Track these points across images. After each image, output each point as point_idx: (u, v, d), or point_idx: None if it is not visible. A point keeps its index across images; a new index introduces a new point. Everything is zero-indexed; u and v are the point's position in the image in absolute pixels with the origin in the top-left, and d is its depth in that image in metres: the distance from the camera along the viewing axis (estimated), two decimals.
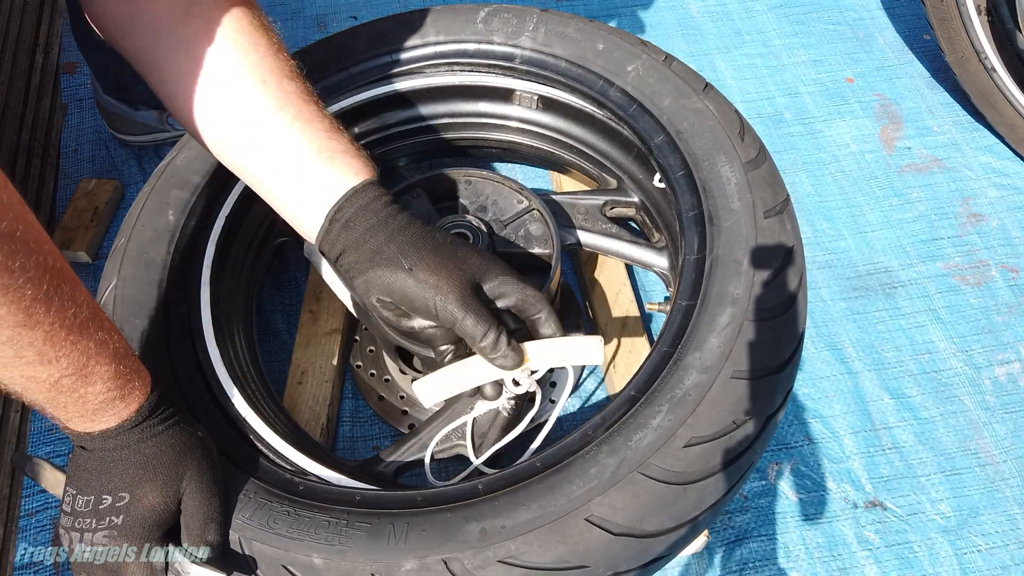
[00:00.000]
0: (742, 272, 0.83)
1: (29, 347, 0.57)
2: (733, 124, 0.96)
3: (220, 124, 0.77)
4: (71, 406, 0.64)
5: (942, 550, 1.02)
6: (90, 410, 0.65)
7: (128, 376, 0.66)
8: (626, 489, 0.71)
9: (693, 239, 0.89)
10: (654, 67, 1.02)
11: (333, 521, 0.71)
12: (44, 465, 0.75)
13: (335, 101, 1.10)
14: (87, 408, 0.65)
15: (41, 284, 0.56)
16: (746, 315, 0.80)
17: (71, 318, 0.59)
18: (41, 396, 0.62)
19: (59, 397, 0.63)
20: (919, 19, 1.64)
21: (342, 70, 1.11)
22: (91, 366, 0.62)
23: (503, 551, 0.68)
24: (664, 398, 0.76)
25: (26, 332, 0.56)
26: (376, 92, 1.13)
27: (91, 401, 0.64)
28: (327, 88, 1.10)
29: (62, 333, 0.59)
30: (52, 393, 0.62)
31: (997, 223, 1.34)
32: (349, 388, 1.14)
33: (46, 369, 0.60)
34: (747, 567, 1.01)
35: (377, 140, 1.20)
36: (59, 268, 0.58)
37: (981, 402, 1.15)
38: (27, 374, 0.59)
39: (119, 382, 0.65)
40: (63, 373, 0.60)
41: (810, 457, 1.10)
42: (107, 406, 0.65)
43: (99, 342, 0.62)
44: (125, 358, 0.66)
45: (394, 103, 1.16)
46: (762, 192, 0.89)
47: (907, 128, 1.48)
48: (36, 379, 0.60)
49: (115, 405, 0.66)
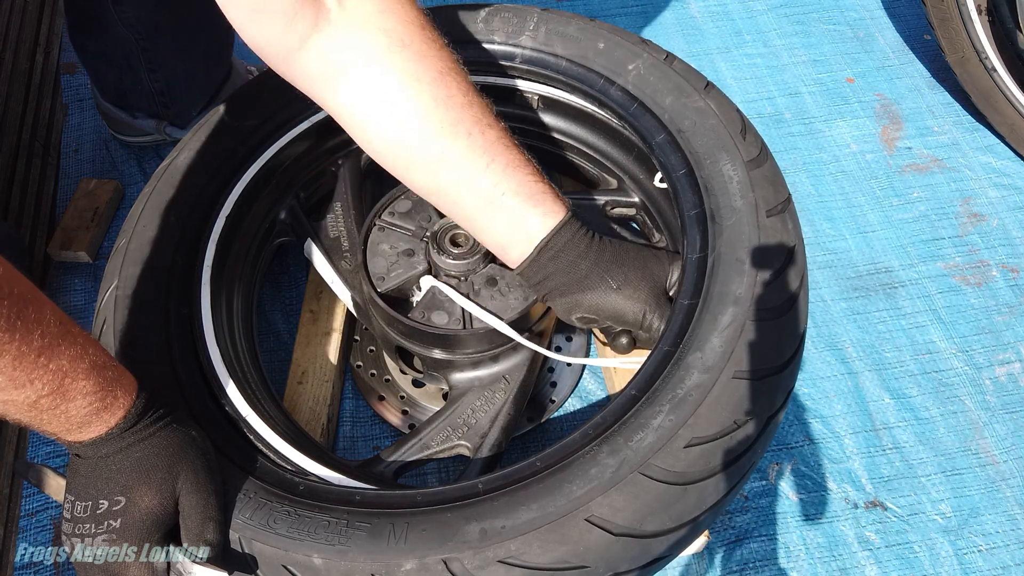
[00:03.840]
0: (744, 271, 0.83)
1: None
2: (735, 123, 0.96)
3: (429, 175, 0.84)
4: (55, 422, 0.65)
5: (943, 550, 1.02)
6: (75, 424, 0.65)
7: (109, 387, 0.66)
8: (626, 489, 0.71)
9: (695, 238, 0.88)
10: (655, 66, 1.02)
11: (333, 521, 0.71)
12: (47, 472, 0.75)
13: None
14: (71, 423, 0.65)
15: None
16: (748, 315, 0.80)
17: (38, 339, 0.59)
18: (23, 416, 0.63)
19: (41, 415, 0.63)
20: (919, 19, 1.64)
21: None
22: (67, 384, 0.62)
23: (503, 551, 0.68)
24: (665, 398, 0.76)
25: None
26: None
27: (74, 416, 0.65)
28: None
29: (31, 356, 0.59)
30: (33, 412, 0.63)
31: (998, 223, 1.34)
32: (349, 388, 1.14)
33: (21, 392, 0.60)
34: (747, 567, 1.01)
35: None
36: (19, 293, 0.58)
37: (982, 402, 1.15)
38: (2, 399, 0.60)
39: (100, 394, 0.65)
40: (39, 394, 0.61)
41: (811, 457, 1.10)
42: (92, 418, 0.66)
43: (73, 358, 0.63)
44: (104, 369, 0.66)
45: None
46: (764, 191, 0.89)
47: (907, 128, 1.47)
48: (13, 402, 0.61)
49: (100, 416, 0.66)
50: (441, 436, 0.91)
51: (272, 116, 1.07)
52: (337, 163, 1.15)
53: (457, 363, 0.96)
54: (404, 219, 1.01)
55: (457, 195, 0.84)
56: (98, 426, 0.66)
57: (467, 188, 0.83)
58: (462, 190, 0.83)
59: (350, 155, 1.15)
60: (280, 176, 1.10)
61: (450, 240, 0.96)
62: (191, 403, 0.82)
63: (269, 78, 1.10)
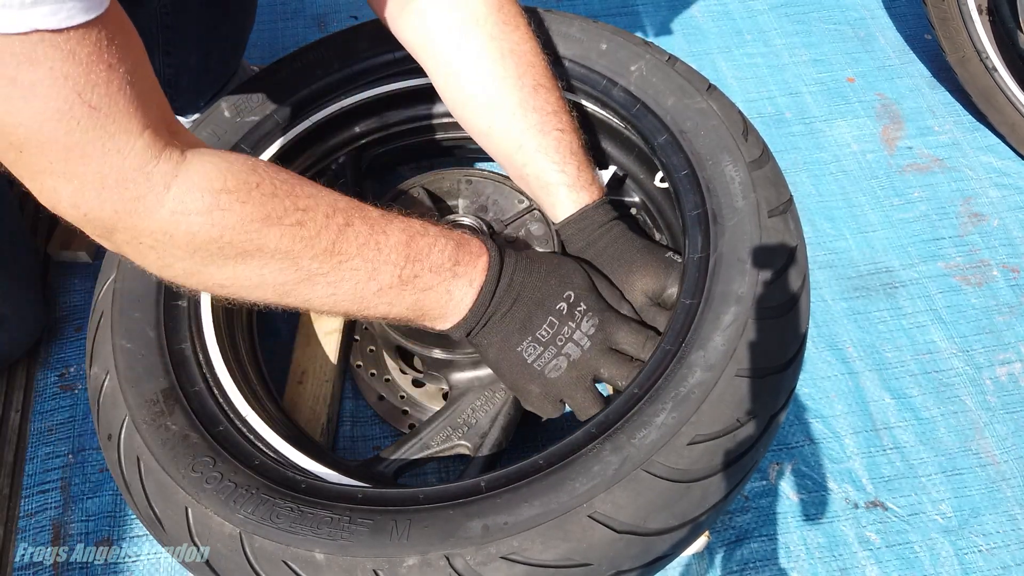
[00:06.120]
0: (746, 271, 0.83)
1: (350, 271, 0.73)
2: (737, 124, 0.96)
3: (491, 131, 0.94)
4: (440, 285, 0.78)
5: (943, 550, 1.02)
6: (455, 274, 0.79)
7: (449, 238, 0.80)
8: (629, 487, 0.71)
9: (696, 238, 0.89)
10: (657, 67, 1.02)
11: (336, 517, 0.71)
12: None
13: (337, 99, 1.10)
14: (449, 273, 0.78)
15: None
16: (750, 314, 0.80)
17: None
18: (407, 303, 0.77)
19: (419, 294, 0.77)
20: (920, 19, 1.64)
21: (344, 68, 1.11)
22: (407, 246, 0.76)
23: (506, 547, 0.68)
24: (668, 396, 0.76)
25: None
26: (380, 90, 1.13)
27: (444, 268, 0.77)
28: (330, 85, 1.10)
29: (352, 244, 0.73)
30: (408, 294, 0.76)
31: (998, 223, 1.34)
32: (349, 388, 1.14)
33: (375, 280, 0.74)
34: (748, 567, 1.01)
35: (378, 139, 1.20)
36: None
37: (982, 402, 1.15)
38: (382, 300, 0.75)
39: (448, 242, 0.79)
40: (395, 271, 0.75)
41: (811, 457, 1.10)
42: (462, 262, 0.79)
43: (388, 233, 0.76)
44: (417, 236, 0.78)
45: (395, 102, 1.16)
46: (766, 191, 0.89)
47: (908, 128, 1.47)
48: (388, 300, 0.76)
49: (466, 259, 0.79)
50: (441, 436, 0.92)
51: (273, 113, 1.06)
52: (338, 160, 1.15)
53: (457, 363, 0.96)
54: None
55: (508, 152, 0.94)
56: (478, 266, 0.81)
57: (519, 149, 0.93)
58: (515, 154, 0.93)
59: (351, 153, 1.15)
60: None
61: None
62: (191, 401, 0.82)
63: (271, 75, 1.10)
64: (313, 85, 1.09)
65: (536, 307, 0.82)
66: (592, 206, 0.92)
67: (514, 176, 0.97)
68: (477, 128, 0.95)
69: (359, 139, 1.18)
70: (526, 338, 0.81)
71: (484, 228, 0.98)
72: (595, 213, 0.92)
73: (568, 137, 0.92)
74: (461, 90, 0.93)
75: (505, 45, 0.90)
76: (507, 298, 0.81)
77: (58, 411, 1.12)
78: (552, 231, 0.99)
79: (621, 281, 0.89)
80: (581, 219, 0.92)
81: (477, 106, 0.92)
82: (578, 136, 0.94)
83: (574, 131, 0.93)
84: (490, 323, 0.81)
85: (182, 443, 0.78)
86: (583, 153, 0.93)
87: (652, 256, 0.90)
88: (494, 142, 0.94)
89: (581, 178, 0.92)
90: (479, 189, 1.05)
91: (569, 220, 0.92)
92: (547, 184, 0.92)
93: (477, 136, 0.96)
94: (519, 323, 0.82)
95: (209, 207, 0.65)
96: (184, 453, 0.77)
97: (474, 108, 0.93)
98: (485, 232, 0.97)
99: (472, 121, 0.95)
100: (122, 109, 0.60)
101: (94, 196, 0.62)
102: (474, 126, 0.95)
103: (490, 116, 0.92)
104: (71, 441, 1.10)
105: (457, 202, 1.05)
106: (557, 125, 0.91)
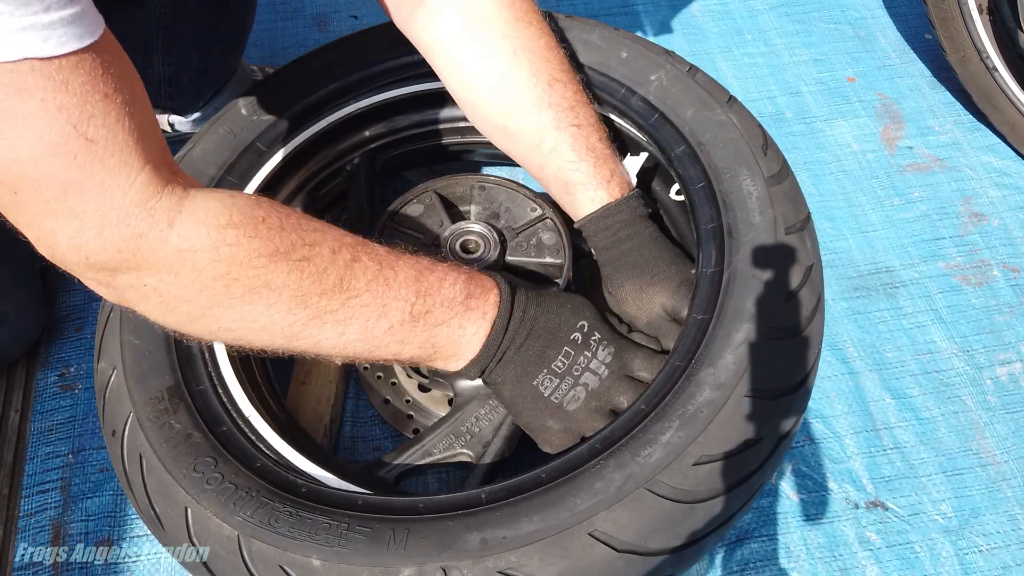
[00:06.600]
0: (760, 288, 0.81)
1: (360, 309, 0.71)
2: (756, 138, 0.94)
3: (506, 132, 0.93)
4: (453, 320, 0.76)
5: (943, 550, 1.02)
6: (468, 307, 0.77)
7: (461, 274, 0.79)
8: (632, 505, 0.70)
9: (711, 252, 0.87)
10: (678, 77, 1.01)
11: (334, 524, 0.71)
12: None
13: (351, 102, 1.10)
14: (461, 307, 0.76)
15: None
16: (763, 332, 0.78)
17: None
18: (419, 341, 0.75)
19: (431, 331, 0.75)
20: (920, 18, 1.64)
21: (362, 69, 1.11)
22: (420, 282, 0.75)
23: (503, 562, 0.67)
24: (675, 413, 0.74)
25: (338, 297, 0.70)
26: (396, 93, 1.12)
27: (456, 301, 0.76)
28: (345, 87, 1.10)
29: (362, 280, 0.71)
30: (420, 330, 0.74)
31: (999, 223, 1.34)
32: (350, 388, 1.14)
33: (386, 318, 0.72)
34: (748, 567, 1.01)
35: (390, 143, 1.19)
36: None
37: (983, 402, 1.15)
38: (393, 338, 0.73)
39: (459, 276, 0.78)
40: (410, 302, 0.73)
41: (811, 457, 1.10)
42: (474, 295, 0.77)
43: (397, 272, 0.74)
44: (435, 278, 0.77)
45: (409, 105, 1.16)
46: (784, 208, 0.88)
47: (908, 128, 1.47)
48: (400, 339, 0.74)
49: (477, 292, 0.78)
50: (444, 443, 0.90)
51: (288, 113, 1.06)
52: (352, 162, 1.15)
53: None
54: (415, 224, 1.00)
55: (527, 152, 0.93)
56: (488, 301, 0.79)
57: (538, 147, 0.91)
58: (534, 152, 0.92)
59: (364, 155, 1.15)
60: (294, 174, 1.09)
61: (461, 246, 0.95)
62: (195, 400, 0.82)
63: (287, 74, 1.09)
64: (331, 85, 1.09)
65: (551, 338, 0.80)
66: (615, 204, 0.89)
67: (536, 177, 0.95)
68: (493, 130, 0.93)
69: (371, 143, 1.17)
70: (542, 371, 0.79)
71: (494, 236, 0.97)
72: (618, 211, 0.89)
73: (585, 132, 0.89)
74: (474, 90, 0.91)
75: (517, 42, 0.87)
76: (521, 331, 0.79)
77: (58, 411, 1.12)
78: (565, 241, 0.98)
79: (640, 291, 0.87)
80: (603, 217, 0.89)
81: (491, 107, 0.90)
82: (597, 130, 0.91)
83: (592, 125, 0.91)
84: (505, 358, 0.79)
85: (185, 442, 0.78)
86: (603, 147, 0.91)
87: (677, 271, 0.88)
88: (511, 143, 0.92)
89: (598, 175, 0.89)
90: (492, 195, 1.04)
91: (589, 219, 0.90)
92: (564, 183, 0.90)
93: (494, 138, 0.94)
94: (534, 356, 0.79)
95: (215, 243, 0.63)
96: (186, 452, 0.77)
97: (488, 109, 0.91)
98: (495, 239, 0.97)
99: (487, 123, 0.93)
100: (121, 141, 0.57)
101: (94, 236, 0.59)
102: (490, 128, 0.93)
103: (505, 116, 0.90)
104: (71, 441, 1.09)
105: (469, 208, 1.05)
106: (573, 121, 0.89)
